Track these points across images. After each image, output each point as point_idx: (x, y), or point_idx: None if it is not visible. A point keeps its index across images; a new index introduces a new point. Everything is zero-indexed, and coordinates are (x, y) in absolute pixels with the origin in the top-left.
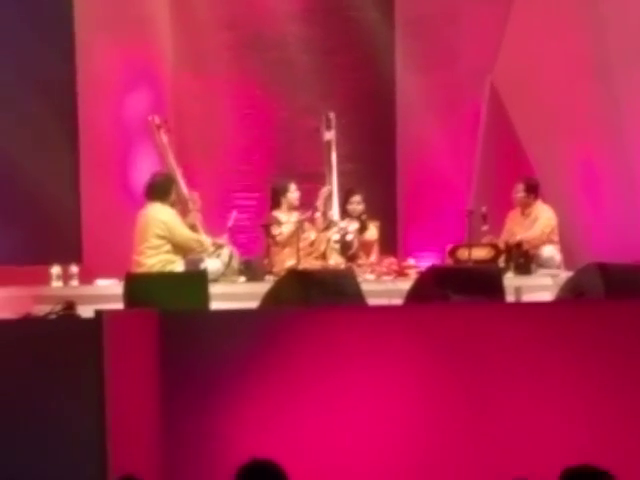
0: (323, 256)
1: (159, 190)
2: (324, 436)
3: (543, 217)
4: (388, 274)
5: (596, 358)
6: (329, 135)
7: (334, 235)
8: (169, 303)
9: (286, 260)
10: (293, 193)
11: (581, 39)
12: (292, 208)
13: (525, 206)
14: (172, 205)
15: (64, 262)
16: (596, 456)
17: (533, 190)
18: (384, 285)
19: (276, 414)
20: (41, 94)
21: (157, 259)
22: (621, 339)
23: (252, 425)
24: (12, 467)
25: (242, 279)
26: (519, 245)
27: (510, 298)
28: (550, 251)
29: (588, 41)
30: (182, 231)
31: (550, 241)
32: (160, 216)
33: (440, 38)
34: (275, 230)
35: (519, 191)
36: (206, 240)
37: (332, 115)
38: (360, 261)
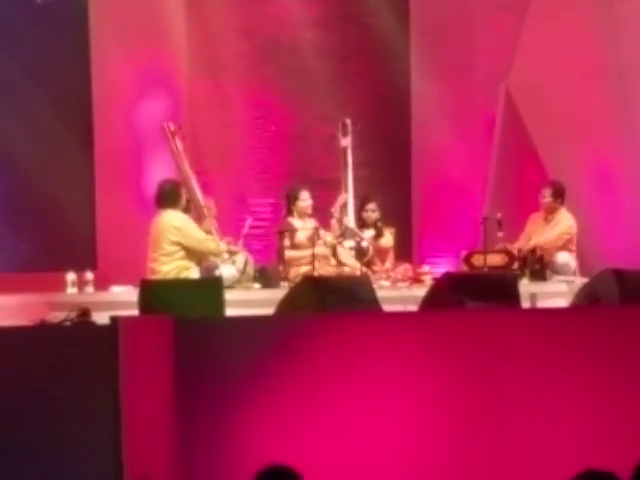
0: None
1: (168, 197)
2: (339, 442)
3: (563, 224)
4: (403, 280)
5: (612, 364)
6: (345, 141)
7: (349, 242)
8: (184, 310)
9: (301, 267)
10: (303, 201)
11: (596, 45)
12: (304, 215)
13: (550, 211)
14: (185, 211)
15: (79, 269)
16: (610, 461)
17: (560, 195)
18: (399, 292)
19: (291, 420)
20: (57, 102)
21: (172, 266)
22: (637, 345)
23: (267, 431)
24: (27, 474)
25: (257, 286)
26: (534, 251)
27: (525, 305)
28: (565, 257)
29: (603, 46)
30: (197, 233)
31: (566, 249)
32: (173, 222)
33: (455, 45)
34: (285, 242)
35: (546, 195)
36: (221, 243)
37: (348, 121)
38: (375, 267)
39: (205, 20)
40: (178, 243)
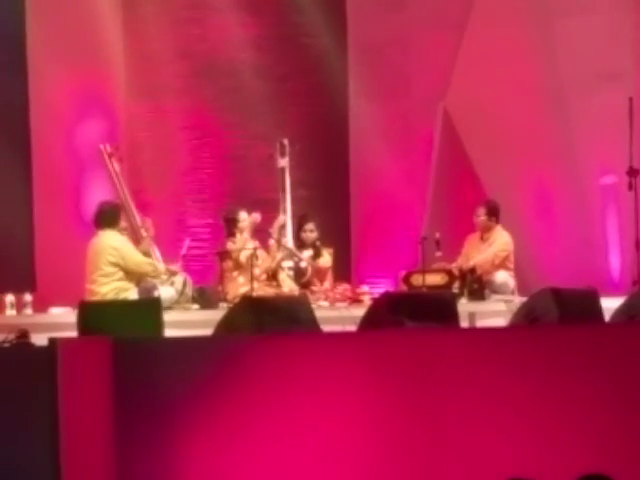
0: (277, 282)
1: (108, 218)
2: (279, 463)
3: (499, 241)
4: (342, 301)
5: (550, 383)
6: (283, 162)
7: (287, 262)
8: (123, 331)
9: (240, 287)
10: (244, 222)
11: (533, 65)
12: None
13: (485, 230)
14: (122, 232)
15: (17, 290)
16: (548, 477)
17: (494, 213)
18: (338, 312)
19: (231, 441)
20: None
21: (110, 287)
22: (575, 364)
23: (207, 452)
24: None
25: (196, 306)
26: (473, 271)
27: (464, 324)
28: (503, 277)
29: (540, 66)
30: (135, 256)
31: (504, 267)
32: (111, 242)
33: (393, 65)
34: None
35: (480, 214)
36: (159, 265)
37: (286, 142)
38: (314, 288)
39: (143, 41)
40: (116, 264)
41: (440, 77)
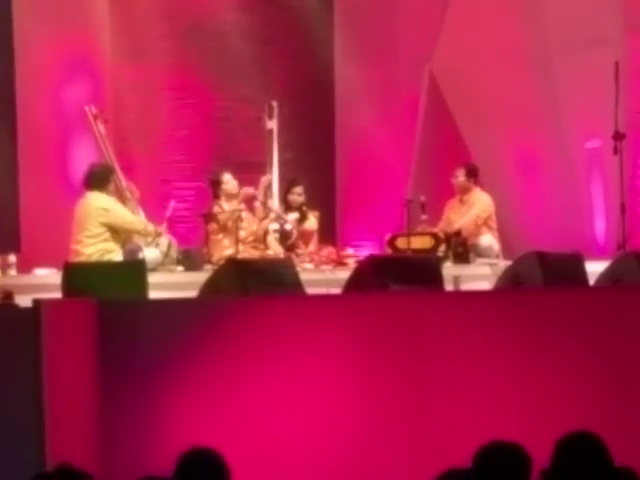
0: (264, 244)
1: (98, 179)
2: (263, 424)
3: (479, 202)
4: (327, 263)
5: (534, 347)
6: (271, 124)
7: (273, 225)
8: (107, 292)
9: (225, 249)
10: (227, 184)
11: (519, 28)
12: (231, 197)
13: (464, 191)
14: (109, 194)
15: (2, 251)
16: (531, 440)
17: (473, 175)
18: (323, 274)
19: (215, 403)
20: None
21: (95, 248)
22: (559, 328)
23: (191, 414)
24: None
25: (180, 268)
26: (458, 234)
27: (449, 287)
28: (488, 240)
29: (526, 30)
30: (126, 214)
31: (487, 227)
32: (100, 204)
33: (379, 27)
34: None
35: (459, 175)
36: (149, 224)
37: (275, 104)
38: (299, 250)
39: (128, 3)
40: (106, 224)
41: (426, 39)
